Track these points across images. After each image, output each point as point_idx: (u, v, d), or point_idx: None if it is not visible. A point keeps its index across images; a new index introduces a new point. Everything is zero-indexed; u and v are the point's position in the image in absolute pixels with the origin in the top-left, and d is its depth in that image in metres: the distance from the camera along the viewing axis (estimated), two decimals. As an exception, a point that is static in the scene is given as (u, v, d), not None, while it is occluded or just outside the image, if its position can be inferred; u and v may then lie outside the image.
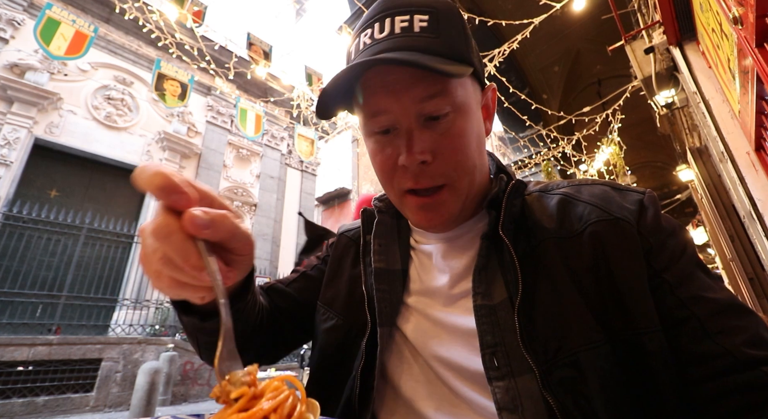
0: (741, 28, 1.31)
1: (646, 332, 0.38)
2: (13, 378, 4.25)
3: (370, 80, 0.45)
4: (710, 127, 2.36)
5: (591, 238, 0.44)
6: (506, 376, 0.41)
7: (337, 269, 0.63)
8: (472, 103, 0.47)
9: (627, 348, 0.38)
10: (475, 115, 0.48)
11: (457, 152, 0.45)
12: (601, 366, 0.38)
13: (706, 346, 0.37)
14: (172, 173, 0.30)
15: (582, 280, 0.42)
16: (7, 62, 5.71)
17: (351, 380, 0.50)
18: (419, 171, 0.46)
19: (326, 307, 0.59)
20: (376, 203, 0.60)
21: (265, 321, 0.58)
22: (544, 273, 0.44)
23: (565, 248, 0.45)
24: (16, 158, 5.52)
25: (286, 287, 0.65)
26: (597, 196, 0.48)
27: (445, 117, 0.45)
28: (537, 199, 0.52)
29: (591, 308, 0.41)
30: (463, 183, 0.47)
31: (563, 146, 6.04)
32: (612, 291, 0.41)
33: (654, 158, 9.45)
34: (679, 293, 0.40)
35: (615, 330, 0.39)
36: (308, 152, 7.27)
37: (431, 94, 0.44)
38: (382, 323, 0.51)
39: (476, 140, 0.48)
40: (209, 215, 0.30)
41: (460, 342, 0.47)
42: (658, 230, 0.44)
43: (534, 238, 0.47)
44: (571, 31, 5.85)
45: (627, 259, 0.42)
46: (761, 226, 2.08)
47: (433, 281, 0.53)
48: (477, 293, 0.46)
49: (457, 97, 0.45)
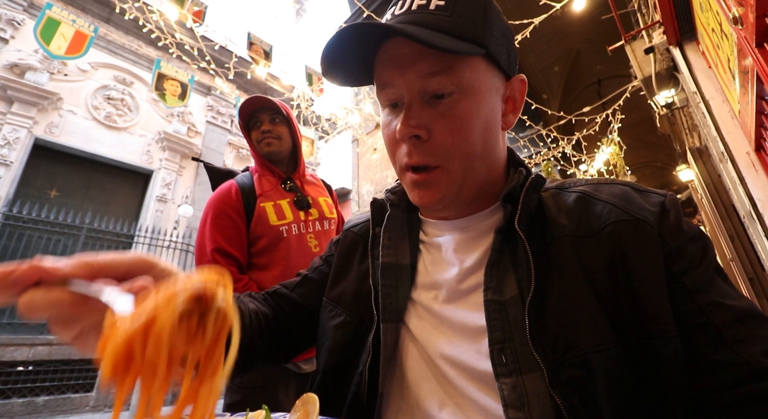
0: (741, 28, 1.31)
1: (661, 337, 0.38)
2: (13, 378, 4.25)
3: (383, 54, 0.47)
4: (710, 127, 2.36)
5: (609, 238, 0.43)
6: (513, 373, 0.41)
7: (344, 266, 0.62)
8: (482, 89, 0.46)
9: (639, 352, 0.38)
10: (485, 101, 0.46)
11: (454, 133, 0.45)
12: (610, 367, 0.37)
13: (723, 354, 0.37)
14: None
15: (597, 280, 0.41)
16: (7, 62, 5.71)
17: (358, 375, 0.50)
18: (413, 146, 0.46)
19: (333, 304, 0.59)
20: (389, 196, 0.59)
21: (266, 327, 0.58)
22: (557, 271, 0.43)
23: (581, 247, 0.44)
24: (16, 158, 5.51)
25: (291, 291, 0.65)
26: (617, 196, 0.47)
27: (449, 97, 0.44)
28: (554, 196, 0.51)
29: (605, 309, 0.40)
30: (456, 167, 0.46)
31: (563, 146, 6.04)
32: (628, 293, 0.40)
33: (654, 158, 9.45)
34: (698, 299, 0.39)
35: (628, 333, 0.38)
36: (308, 152, 7.26)
37: (435, 71, 0.44)
38: (388, 319, 0.51)
39: (482, 126, 0.46)
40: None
41: (466, 341, 0.46)
42: (679, 234, 0.43)
43: (549, 235, 0.46)
44: (571, 31, 5.85)
45: (646, 262, 0.41)
46: (761, 226, 2.08)
47: (442, 274, 0.52)
48: (488, 287, 0.45)
49: (463, 78, 0.44)
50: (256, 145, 1.39)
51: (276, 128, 1.39)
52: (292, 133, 1.44)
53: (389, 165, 4.23)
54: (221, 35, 4.70)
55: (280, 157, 1.40)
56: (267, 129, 1.38)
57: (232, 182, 1.32)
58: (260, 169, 1.39)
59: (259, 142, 1.38)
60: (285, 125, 1.42)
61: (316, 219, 1.37)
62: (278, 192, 1.35)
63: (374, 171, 4.40)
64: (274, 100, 1.40)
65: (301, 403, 0.40)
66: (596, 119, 5.19)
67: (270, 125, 1.39)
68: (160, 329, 0.25)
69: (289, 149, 1.43)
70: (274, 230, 1.27)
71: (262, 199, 1.30)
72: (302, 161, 1.47)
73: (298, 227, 1.31)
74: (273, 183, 1.37)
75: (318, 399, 0.38)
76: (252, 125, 1.41)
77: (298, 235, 1.30)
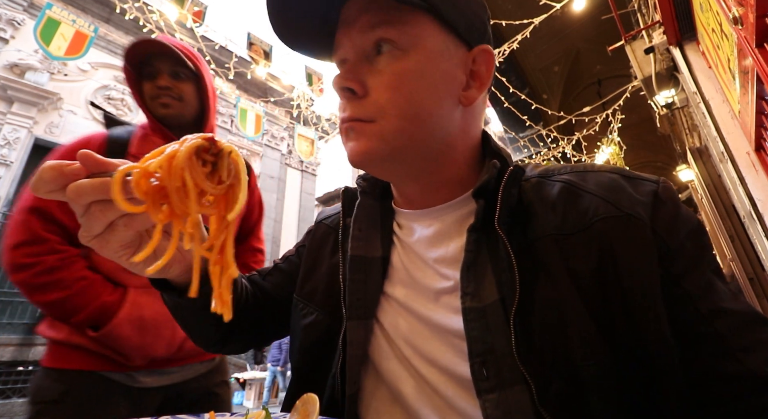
0: (741, 28, 1.31)
1: (653, 342, 0.35)
2: (13, 378, 4.25)
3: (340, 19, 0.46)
4: (710, 127, 2.36)
5: (598, 237, 0.39)
6: (497, 388, 0.38)
7: (315, 260, 0.59)
8: (428, 49, 0.43)
9: (632, 361, 0.35)
10: (433, 64, 0.43)
11: (391, 90, 0.42)
12: (602, 381, 0.35)
13: (729, 365, 0.35)
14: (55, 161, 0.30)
15: (584, 284, 0.38)
16: (7, 62, 5.71)
17: (332, 378, 0.48)
18: (347, 100, 0.44)
19: (305, 301, 0.55)
20: (359, 182, 0.55)
21: (251, 303, 0.58)
22: (542, 273, 0.40)
23: (566, 247, 0.40)
24: (16, 157, 5.51)
25: (263, 279, 0.63)
26: (605, 186, 0.43)
27: (389, 52, 0.42)
28: (536, 186, 0.46)
29: (593, 316, 0.37)
30: (390, 125, 0.42)
31: (563, 146, 6.04)
32: (618, 299, 0.37)
33: (654, 158, 9.44)
34: (700, 306, 0.37)
35: (620, 341, 0.36)
36: (308, 152, 7.27)
37: (376, 22, 0.42)
38: (354, 316, 0.48)
39: (427, 91, 0.43)
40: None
41: (446, 345, 0.43)
42: (676, 230, 0.39)
43: (532, 231, 0.42)
44: (571, 31, 5.85)
45: (637, 263, 0.38)
46: (761, 226, 2.08)
47: (417, 272, 0.49)
48: (466, 293, 0.42)
49: (405, 34, 0.42)
50: (149, 102, 1.05)
51: (179, 86, 1.05)
52: (202, 94, 1.10)
53: (389, 165, 4.22)
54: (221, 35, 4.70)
55: (179, 122, 1.06)
56: (165, 85, 1.03)
57: (102, 132, 1.03)
58: (149, 130, 1.07)
59: (153, 99, 1.04)
60: (192, 82, 1.07)
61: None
62: None
63: (374, 171, 4.40)
64: (180, 46, 1.05)
65: (301, 403, 0.39)
66: (596, 119, 5.19)
67: (170, 81, 1.04)
68: (177, 160, 0.31)
69: (194, 113, 1.10)
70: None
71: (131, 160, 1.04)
72: (212, 131, 1.12)
73: None
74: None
75: (318, 399, 0.38)
76: (146, 74, 1.05)
77: None
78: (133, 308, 0.90)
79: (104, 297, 0.88)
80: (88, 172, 0.31)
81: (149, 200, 0.31)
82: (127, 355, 0.89)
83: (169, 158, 0.31)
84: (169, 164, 0.31)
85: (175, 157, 0.31)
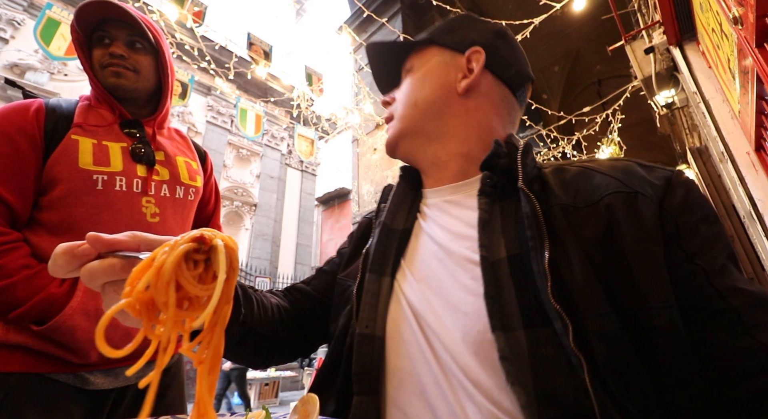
0: (741, 28, 1.31)
1: (655, 307, 0.37)
2: (13, 378, 4.24)
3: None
4: (710, 127, 2.36)
5: (605, 209, 0.42)
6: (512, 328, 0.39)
7: (356, 247, 0.65)
8: (432, 64, 0.60)
9: (634, 323, 0.37)
10: (432, 71, 0.60)
11: (402, 94, 0.62)
12: (606, 332, 0.36)
13: (744, 341, 0.35)
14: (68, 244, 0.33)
15: (590, 251, 0.40)
16: (7, 62, 5.72)
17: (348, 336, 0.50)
18: (386, 107, 0.66)
19: (345, 278, 0.61)
20: (400, 173, 0.65)
21: (287, 319, 0.60)
22: (556, 238, 0.42)
23: (576, 218, 0.43)
24: (16, 158, 5.52)
25: (307, 285, 0.68)
26: (619, 169, 0.47)
27: (405, 73, 0.64)
28: (555, 170, 0.51)
29: (599, 277, 0.39)
30: (399, 114, 0.61)
31: (563, 146, 6.04)
32: (621, 265, 0.39)
33: (654, 158, 9.45)
34: (717, 283, 0.38)
35: (621, 303, 0.38)
36: (308, 152, 7.27)
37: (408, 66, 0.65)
38: (375, 270, 0.52)
39: (424, 86, 0.59)
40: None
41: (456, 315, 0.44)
42: (688, 212, 0.41)
43: (544, 203, 0.45)
44: (571, 31, 5.85)
45: (639, 236, 0.40)
46: (761, 226, 2.09)
47: (434, 237, 0.53)
48: (482, 245, 0.45)
49: (418, 60, 0.62)
50: (98, 70, 0.94)
51: (134, 57, 0.95)
52: (160, 68, 1.00)
53: (389, 165, 4.24)
54: (221, 35, 4.70)
55: (131, 95, 0.97)
56: (119, 53, 0.93)
57: (39, 100, 0.90)
58: (95, 101, 0.95)
59: (103, 67, 0.93)
60: (150, 55, 0.98)
61: (164, 181, 0.95)
62: (110, 132, 0.92)
63: (374, 171, 4.40)
64: (139, 15, 0.95)
65: (301, 403, 0.39)
66: (596, 119, 5.19)
67: (125, 49, 0.94)
68: (166, 267, 0.31)
69: (150, 89, 1.00)
70: (82, 175, 0.84)
71: (78, 131, 0.87)
72: (166, 109, 1.04)
73: (128, 183, 0.89)
74: (107, 120, 0.93)
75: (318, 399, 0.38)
76: (96, 40, 0.94)
77: (127, 193, 0.88)
78: (87, 297, 0.79)
79: (51, 289, 0.76)
80: (96, 253, 0.33)
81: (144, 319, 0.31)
82: (79, 350, 0.78)
83: (157, 270, 0.30)
84: (156, 277, 0.30)
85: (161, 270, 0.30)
